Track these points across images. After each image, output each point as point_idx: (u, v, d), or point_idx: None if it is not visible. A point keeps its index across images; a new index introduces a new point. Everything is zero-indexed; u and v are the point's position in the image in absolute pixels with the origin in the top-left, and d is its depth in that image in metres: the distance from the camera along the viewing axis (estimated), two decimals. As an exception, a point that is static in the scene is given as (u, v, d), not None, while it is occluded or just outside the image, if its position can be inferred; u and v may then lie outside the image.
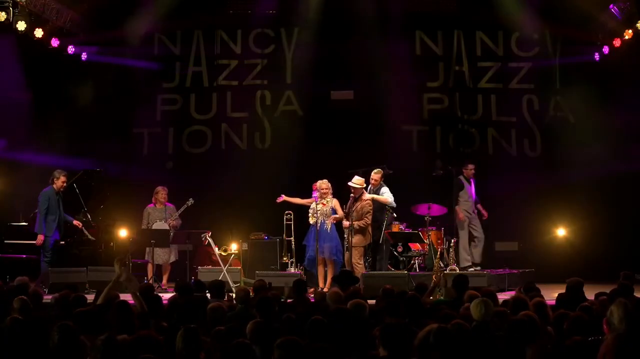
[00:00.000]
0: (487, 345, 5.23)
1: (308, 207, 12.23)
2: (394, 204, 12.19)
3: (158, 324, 6.23)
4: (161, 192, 12.88)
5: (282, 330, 5.53)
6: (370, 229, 11.91)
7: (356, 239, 11.80)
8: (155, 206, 12.90)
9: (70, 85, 14.29)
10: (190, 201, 12.78)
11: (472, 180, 13.40)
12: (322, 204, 11.97)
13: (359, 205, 11.84)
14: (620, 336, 4.57)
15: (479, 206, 13.44)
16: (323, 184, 12.06)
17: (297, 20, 14.72)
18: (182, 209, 12.78)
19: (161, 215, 12.79)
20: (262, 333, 5.32)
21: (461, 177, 13.32)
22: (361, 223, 11.76)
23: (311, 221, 12.04)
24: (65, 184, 12.06)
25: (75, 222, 12.33)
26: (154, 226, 12.66)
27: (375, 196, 12.02)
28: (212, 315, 6.24)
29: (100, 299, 6.83)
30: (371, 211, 11.86)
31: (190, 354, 4.87)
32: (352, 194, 11.94)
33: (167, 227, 12.63)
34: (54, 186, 11.87)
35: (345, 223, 11.85)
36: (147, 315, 6.39)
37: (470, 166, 13.38)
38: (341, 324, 5.80)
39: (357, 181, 11.91)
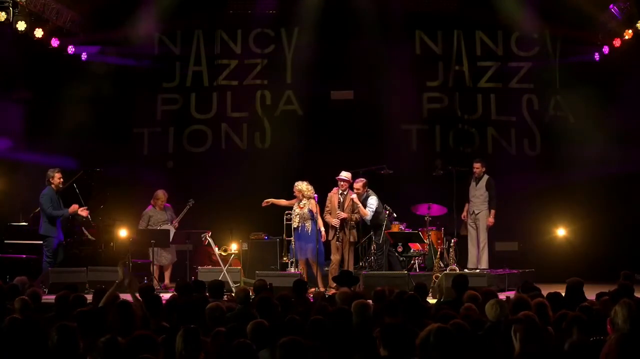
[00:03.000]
0: (502, 345, 5.19)
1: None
2: (368, 221, 12.17)
3: (158, 324, 6.23)
4: (162, 199, 12.84)
5: (283, 330, 5.52)
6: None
7: (353, 235, 11.94)
8: (154, 208, 12.88)
9: (70, 85, 14.28)
10: (191, 202, 12.78)
11: (484, 178, 12.97)
12: (299, 208, 11.99)
13: (350, 200, 11.88)
14: (624, 336, 4.56)
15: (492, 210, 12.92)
16: (295, 187, 12.07)
17: (297, 20, 14.72)
18: (184, 211, 12.77)
19: (163, 217, 12.77)
20: (262, 333, 5.32)
21: (471, 176, 13.19)
22: (357, 216, 11.83)
23: (293, 224, 12.11)
24: (62, 180, 11.98)
25: (79, 210, 12.13)
26: (161, 227, 12.63)
27: (360, 204, 12.00)
28: (210, 315, 6.23)
29: (102, 302, 6.81)
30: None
31: (190, 354, 4.86)
32: (341, 191, 11.94)
33: (174, 229, 12.62)
34: (52, 185, 11.84)
35: (342, 214, 11.83)
36: (146, 316, 6.38)
37: (475, 165, 13.05)
38: (342, 324, 5.80)
39: (346, 175, 11.93)
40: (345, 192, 11.96)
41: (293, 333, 5.28)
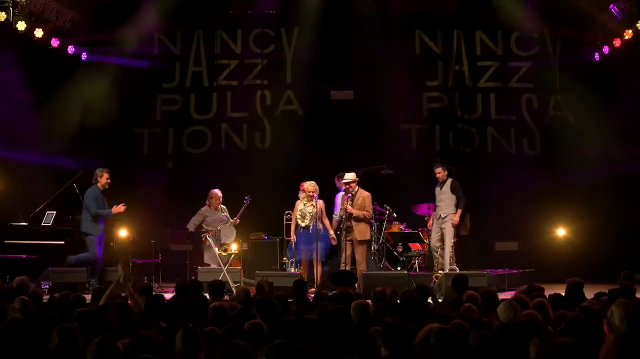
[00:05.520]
0: (511, 347, 5.17)
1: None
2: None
3: (157, 324, 6.22)
4: (215, 197, 12.69)
5: (281, 331, 5.51)
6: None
7: (361, 232, 11.87)
8: (209, 208, 12.73)
9: (70, 86, 14.29)
10: (247, 199, 12.56)
11: (448, 182, 12.33)
12: (312, 206, 11.95)
13: (359, 199, 11.89)
14: (622, 336, 4.56)
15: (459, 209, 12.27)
16: (310, 186, 12.01)
17: (297, 20, 14.73)
18: (243, 208, 12.58)
19: (219, 216, 12.60)
20: (260, 334, 5.32)
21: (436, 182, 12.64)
22: (364, 212, 11.86)
23: (302, 223, 12.00)
24: (109, 181, 11.95)
25: (115, 208, 12.12)
26: (222, 228, 12.43)
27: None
28: (214, 315, 6.22)
29: (102, 300, 6.81)
30: (371, 205, 11.99)
31: (190, 354, 4.86)
32: (349, 193, 11.97)
33: (234, 227, 12.53)
34: (98, 184, 11.84)
35: (350, 209, 11.85)
36: (146, 315, 6.37)
37: (436, 171, 12.37)
38: (340, 325, 5.80)
39: (350, 177, 11.96)
40: (354, 192, 11.99)
41: (290, 334, 5.29)
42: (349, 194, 12.00)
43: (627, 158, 14.10)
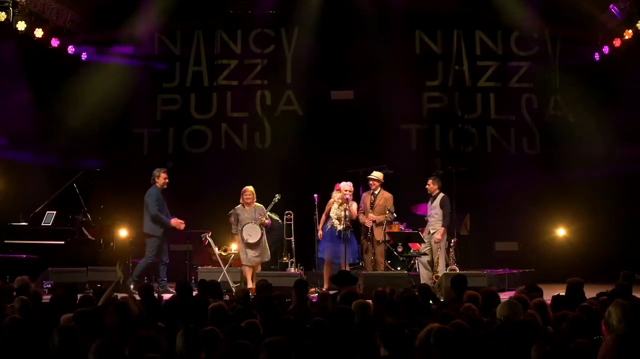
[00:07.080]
0: (508, 345, 5.16)
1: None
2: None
3: (155, 324, 6.21)
4: (244, 194, 12.26)
5: (281, 331, 5.51)
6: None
7: (380, 233, 11.93)
8: (243, 206, 12.32)
9: (70, 85, 14.29)
10: (277, 198, 12.24)
11: (438, 197, 12.06)
12: (346, 209, 11.83)
13: (381, 199, 11.90)
14: (620, 336, 4.56)
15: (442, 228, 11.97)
16: (347, 186, 11.94)
17: (297, 20, 14.74)
18: (270, 206, 12.23)
19: (251, 215, 12.20)
20: (256, 333, 5.32)
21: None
22: (389, 217, 11.92)
23: (339, 226, 11.82)
24: (167, 181, 11.91)
25: (174, 221, 12.02)
26: (245, 227, 12.02)
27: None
28: (213, 315, 6.22)
29: (101, 301, 6.80)
30: (393, 206, 12.04)
31: (191, 354, 4.86)
32: (372, 191, 12.04)
33: (259, 229, 12.08)
34: (157, 184, 11.82)
35: (372, 216, 11.85)
36: (142, 316, 6.35)
37: (428, 182, 12.20)
38: (342, 325, 5.80)
39: (377, 175, 11.99)
40: (376, 192, 12.00)
41: (289, 333, 5.28)
42: (347, 196, 12.00)
43: (627, 158, 14.10)
